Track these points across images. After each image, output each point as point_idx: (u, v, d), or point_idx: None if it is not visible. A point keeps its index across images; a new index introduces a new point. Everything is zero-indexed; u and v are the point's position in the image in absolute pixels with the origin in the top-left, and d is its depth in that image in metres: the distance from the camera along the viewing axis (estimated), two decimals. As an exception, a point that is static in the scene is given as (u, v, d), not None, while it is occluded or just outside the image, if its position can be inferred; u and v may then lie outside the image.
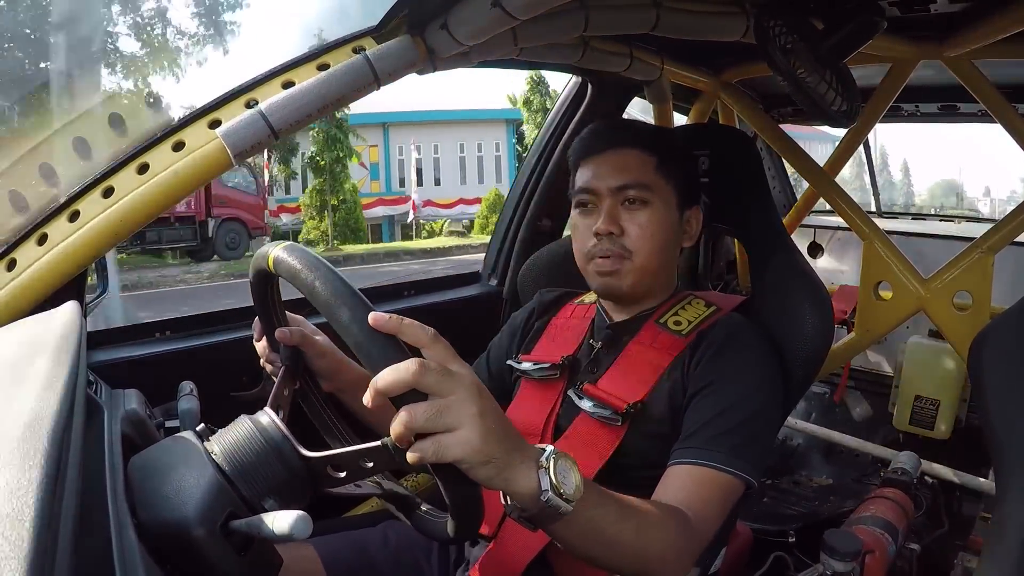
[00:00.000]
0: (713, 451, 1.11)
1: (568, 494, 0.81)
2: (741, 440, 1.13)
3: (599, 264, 1.29)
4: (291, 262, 0.85)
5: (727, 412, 1.15)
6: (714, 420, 1.15)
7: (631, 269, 1.28)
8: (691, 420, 1.18)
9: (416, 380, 0.72)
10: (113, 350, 1.51)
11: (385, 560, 1.35)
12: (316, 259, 0.84)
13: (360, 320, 0.77)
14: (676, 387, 1.23)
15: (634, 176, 1.28)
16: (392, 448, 0.80)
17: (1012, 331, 1.22)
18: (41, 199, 1.06)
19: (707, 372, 1.21)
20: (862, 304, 2.10)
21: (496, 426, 0.77)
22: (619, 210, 1.29)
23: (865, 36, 1.56)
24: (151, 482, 0.82)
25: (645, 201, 1.28)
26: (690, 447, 1.13)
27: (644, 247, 1.28)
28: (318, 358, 1.19)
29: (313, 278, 0.81)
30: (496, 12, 1.05)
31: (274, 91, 1.05)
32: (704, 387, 1.20)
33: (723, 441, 1.12)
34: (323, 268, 0.83)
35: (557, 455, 0.82)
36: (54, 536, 0.53)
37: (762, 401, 1.20)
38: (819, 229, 3.42)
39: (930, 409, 2.77)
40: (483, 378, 1.51)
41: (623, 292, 1.31)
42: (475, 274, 2.46)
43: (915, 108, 2.77)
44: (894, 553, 1.92)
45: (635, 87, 2.18)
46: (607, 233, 1.27)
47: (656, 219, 1.28)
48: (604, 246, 1.28)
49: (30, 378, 0.71)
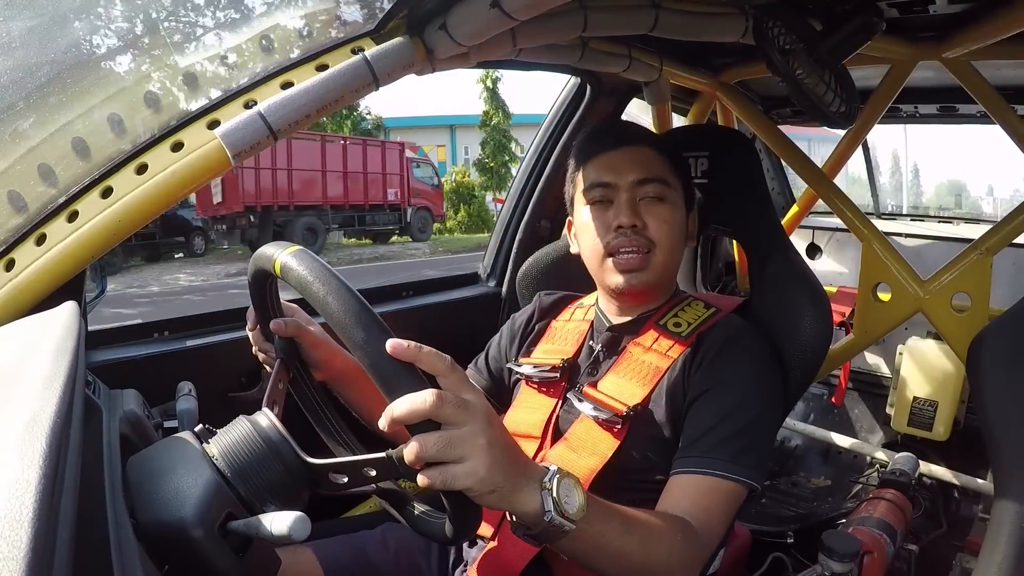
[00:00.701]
0: (715, 459, 1.12)
1: (571, 513, 0.83)
2: (743, 445, 1.14)
3: (624, 259, 1.28)
4: (301, 272, 0.85)
5: (728, 418, 1.16)
6: (715, 427, 1.15)
7: (656, 263, 1.28)
8: (692, 426, 1.18)
9: (432, 412, 0.75)
10: (111, 350, 1.51)
11: (384, 562, 1.35)
12: (328, 270, 0.84)
13: (376, 344, 0.77)
14: (676, 390, 1.23)
15: (654, 171, 1.28)
16: (397, 461, 0.81)
17: (1010, 333, 1.22)
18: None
19: (707, 376, 1.21)
20: (860, 305, 2.10)
21: (503, 455, 0.80)
22: (638, 204, 1.28)
23: (864, 37, 1.56)
24: (149, 483, 0.81)
25: (663, 197, 1.28)
26: (692, 456, 1.14)
27: (666, 241, 1.27)
28: (312, 349, 1.20)
29: (326, 292, 0.82)
30: (495, 13, 1.05)
31: (273, 92, 1.04)
32: (704, 392, 1.20)
33: (725, 448, 1.13)
34: (335, 282, 0.83)
35: (561, 476, 0.84)
36: (52, 537, 0.52)
37: (763, 404, 1.21)
38: (818, 230, 3.42)
39: (928, 410, 2.77)
40: (481, 378, 1.51)
41: (647, 287, 1.29)
42: (474, 275, 2.46)
43: (914, 109, 2.77)
44: (892, 554, 1.92)
45: (634, 88, 2.18)
46: (631, 226, 1.26)
47: (674, 216, 1.28)
48: (628, 239, 1.27)
49: (28, 378, 0.71)
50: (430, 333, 1.90)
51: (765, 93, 2.86)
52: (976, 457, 2.60)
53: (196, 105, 1.06)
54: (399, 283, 2.22)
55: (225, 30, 1.14)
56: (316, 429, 1.15)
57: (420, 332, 1.98)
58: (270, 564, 0.89)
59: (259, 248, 0.96)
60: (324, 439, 1.15)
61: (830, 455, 3.08)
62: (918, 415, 2.79)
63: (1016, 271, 2.74)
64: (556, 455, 1.26)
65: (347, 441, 1.14)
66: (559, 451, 1.27)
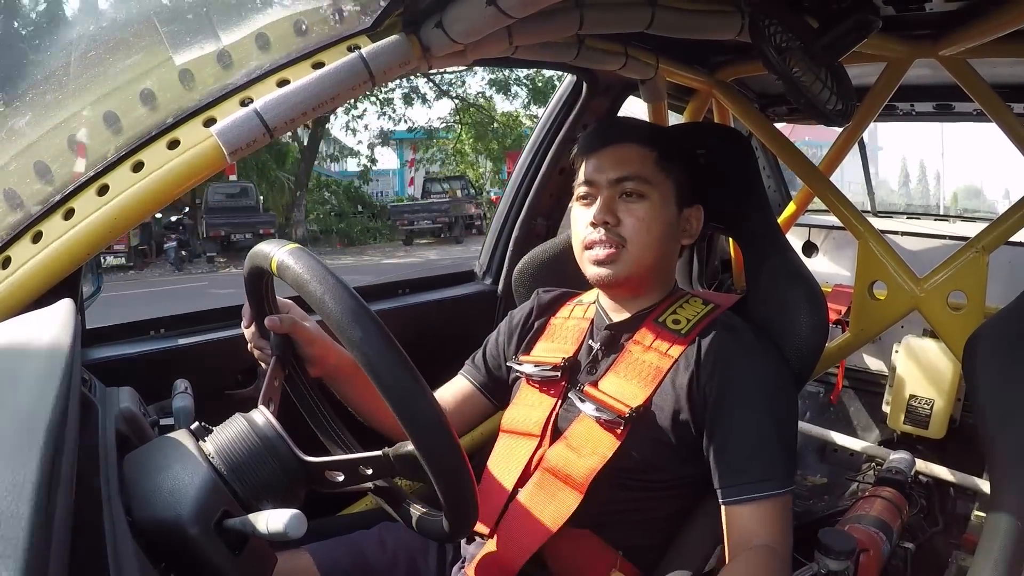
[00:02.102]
0: (767, 480, 1.16)
1: None
2: (783, 456, 1.18)
3: (594, 254, 1.30)
4: (298, 271, 0.85)
5: (767, 432, 1.19)
6: (759, 444, 1.18)
7: (625, 259, 1.29)
8: (733, 446, 1.20)
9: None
10: (107, 348, 1.51)
11: (382, 563, 1.35)
12: (325, 269, 0.85)
13: (374, 342, 0.79)
14: (680, 394, 1.24)
15: (632, 169, 1.29)
16: (394, 459, 0.81)
17: (1006, 330, 1.22)
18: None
19: (726, 386, 1.22)
20: (857, 303, 2.10)
21: None
22: (617, 202, 1.30)
23: (860, 35, 1.56)
24: (146, 480, 0.81)
25: (642, 194, 1.29)
26: (745, 483, 1.17)
27: (640, 239, 1.28)
28: (307, 345, 1.21)
29: (323, 291, 0.82)
30: (491, 10, 1.05)
31: (269, 89, 1.05)
32: (730, 405, 1.22)
33: (771, 465, 1.17)
34: (332, 280, 0.83)
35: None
36: (48, 534, 0.52)
37: (784, 404, 1.24)
38: (814, 228, 3.42)
39: (924, 408, 2.77)
40: (479, 374, 1.51)
41: (617, 281, 1.30)
42: (470, 273, 2.46)
43: (910, 107, 2.77)
44: (889, 552, 1.92)
45: (630, 86, 2.18)
46: (602, 223, 1.28)
47: (653, 213, 1.29)
48: (599, 235, 1.29)
49: (24, 376, 0.71)
50: (426, 331, 1.90)
51: (761, 91, 2.86)
52: (972, 455, 2.61)
53: (192, 103, 1.06)
54: (395, 281, 2.21)
55: (221, 28, 1.13)
56: (311, 426, 1.16)
57: (416, 330, 2.00)
58: (266, 562, 0.89)
59: (256, 245, 0.96)
60: (319, 436, 1.15)
61: (826, 453, 3.09)
62: (914, 413, 2.80)
63: (1012, 269, 2.74)
64: (555, 454, 1.27)
65: (343, 438, 1.15)
66: (558, 450, 1.27)
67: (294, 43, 1.09)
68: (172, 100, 1.08)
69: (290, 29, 1.10)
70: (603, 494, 1.22)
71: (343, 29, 1.09)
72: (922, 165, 22.46)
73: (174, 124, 1.05)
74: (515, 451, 1.33)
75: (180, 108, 1.06)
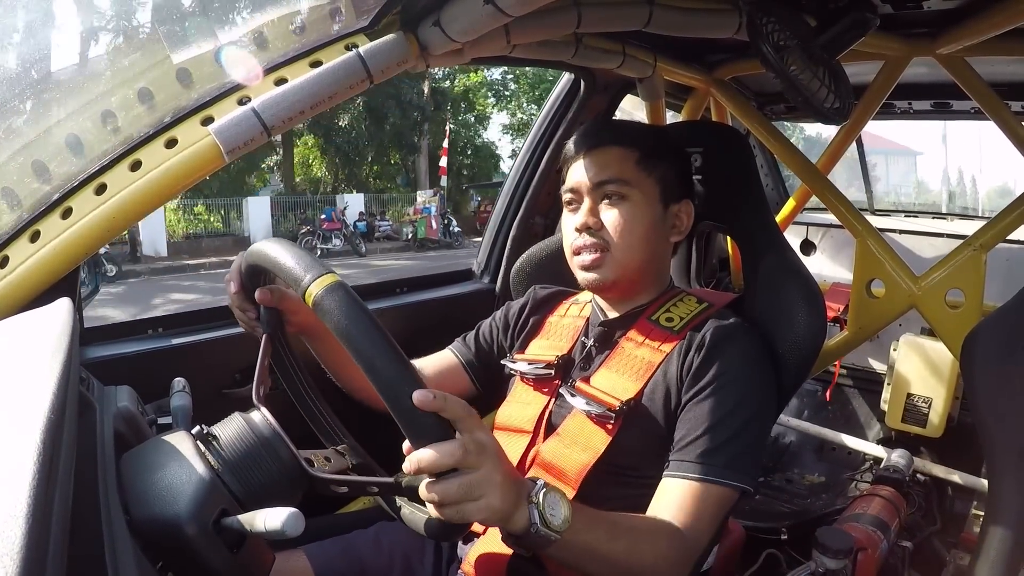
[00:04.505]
0: (708, 464, 1.14)
1: (556, 525, 0.89)
2: (737, 450, 1.16)
3: (581, 259, 1.32)
4: (338, 316, 0.84)
5: (722, 421, 1.17)
6: (710, 430, 1.17)
7: (610, 262, 1.30)
8: (686, 427, 1.19)
9: (457, 463, 0.82)
10: (105, 347, 1.51)
11: (377, 564, 1.36)
12: (363, 311, 0.84)
13: (404, 393, 0.80)
14: (670, 386, 1.24)
15: (612, 172, 1.30)
16: (404, 486, 0.85)
17: (1004, 328, 1.22)
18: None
19: (700, 376, 1.21)
20: (855, 302, 2.10)
21: (510, 485, 0.87)
22: (599, 206, 1.31)
23: (858, 33, 1.56)
24: (143, 479, 0.82)
25: (623, 196, 1.30)
26: (686, 460, 1.16)
27: (623, 240, 1.29)
28: (294, 314, 1.23)
29: (359, 334, 0.83)
30: (489, 9, 1.05)
31: (267, 88, 1.04)
32: (698, 392, 1.21)
33: (720, 452, 1.15)
34: (368, 321, 0.83)
35: (547, 491, 0.91)
36: (46, 533, 0.52)
37: (756, 405, 1.22)
38: (812, 226, 3.42)
39: (922, 407, 2.77)
40: (469, 352, 1.54)
41: (606, 284, 1.32)
42: (468, 271, 2.46)
43: (908, 105, 2.77)
44: (886, 550, 1.92)
45: (628, 84, 2.18)
46: (585, 228, 1.30)
47: (635, 213, 1.29)
48: (584, 240, 1.30)
49: (22, 375, 0.71)
50: (424, 329, 1.90)
51: (759, 89, 2.86)
52: (970, 453, 2.61)
53: (190, 101, 1.06)
54: (394, 280, 2.21)
55: (219, 26, 1.13)
56: (299, 408, 1.16)
57: (414, 328, 2.00)
58: (264, 560, 0.89)
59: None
60: (309, 423, 1.16)
61: (824, 451, 3.09)
62: (912, 411, 2.80)
63: (1010, 267, 2.74)
64: (548, 449, 1.27)
65: (331, 424, 1.15)
66: (551, 445, 1.27)
67: (292, 42, 1.09)
68: (170, 99, 1.08)
69: (287, 28, 1.10)
70: (596, 489, 1.22)
71: (341, 28, 1.09)
72: (959, 169, 22.73)
73: (172, 123, 1.05)
74: (509, 448, 1.33)
75: (178, 107, 1.06)
